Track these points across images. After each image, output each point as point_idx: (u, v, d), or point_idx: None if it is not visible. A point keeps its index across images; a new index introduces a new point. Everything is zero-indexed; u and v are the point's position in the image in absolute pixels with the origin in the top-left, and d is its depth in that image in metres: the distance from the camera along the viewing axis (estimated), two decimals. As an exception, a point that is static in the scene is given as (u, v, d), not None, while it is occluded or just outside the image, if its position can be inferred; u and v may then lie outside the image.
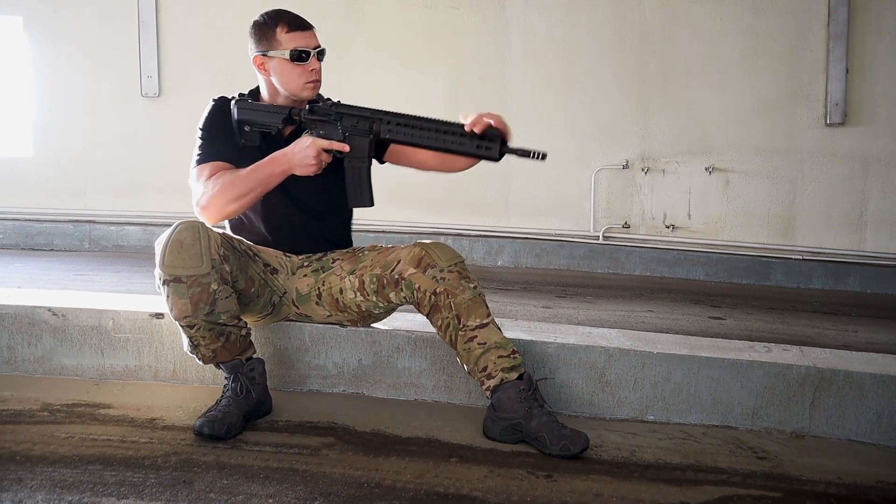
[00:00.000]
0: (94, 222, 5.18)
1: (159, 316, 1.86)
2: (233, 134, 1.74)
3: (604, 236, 5.19)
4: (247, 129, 1.74)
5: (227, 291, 1.58)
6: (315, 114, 1.69)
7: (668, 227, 5.19)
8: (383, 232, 4.90)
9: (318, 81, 1.75)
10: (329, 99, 1.75)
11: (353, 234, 1.95)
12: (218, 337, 1.58)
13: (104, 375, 1.89)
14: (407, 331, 1.90)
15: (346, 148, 1.67)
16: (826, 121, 4.88)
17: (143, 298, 2.00)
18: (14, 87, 5.32)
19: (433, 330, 1.77)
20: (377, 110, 1.67)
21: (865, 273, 4.79)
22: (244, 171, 1.67)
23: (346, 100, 1.83)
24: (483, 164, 1.77)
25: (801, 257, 4.92)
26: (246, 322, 1.66)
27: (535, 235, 5.18)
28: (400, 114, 1.66)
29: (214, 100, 1.80)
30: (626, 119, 5.11)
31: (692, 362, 1.89)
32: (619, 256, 5.11)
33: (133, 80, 5.26)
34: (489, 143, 1.61)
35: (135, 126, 5.30)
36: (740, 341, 2.10)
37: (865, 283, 4.76)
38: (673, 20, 5.04)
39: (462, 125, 1.60)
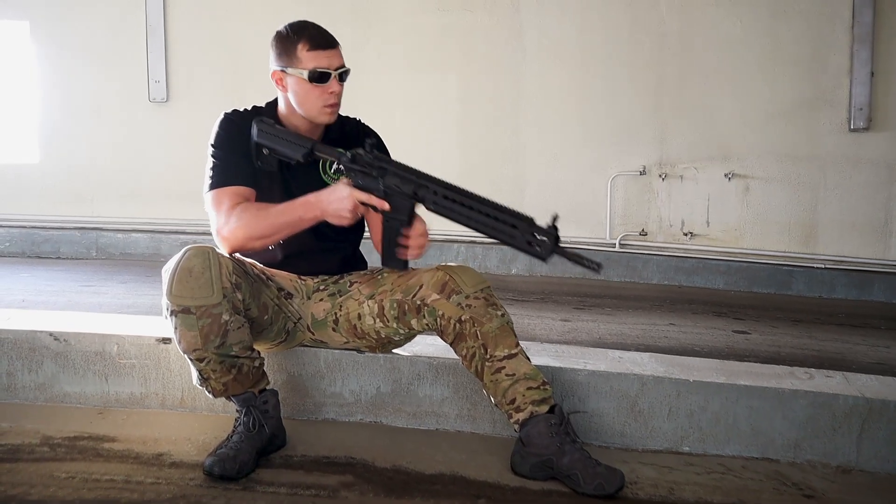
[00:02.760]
0: (100, 229, 5.10)
1: (166, 341, 1.76)
2: (249, 153, 1.63)
3: (620, 244, 5.08)
4: (265, 151, 1.62)
5: (239, 321, 1.48)
6: (356, 163, 1.56)
7: (686, 235, 5.07)
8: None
9: (336, 105, 1.63)
10: (368, 138, 1.59)
11: (367, 240, 1.85)
12: (229, 370, 1.48)
13: (108, 403, 1.79)
14: (428, 357, 1.79)
15: (386, 206, 1.53)
16: (850, 126, 4.75)
17: (149, 322, 1.90)
18: (20, 92, 5.25)
19: (455, 357, 1.67)
20: (423, 175, 1.53)
21: (891, 282, 4.65)
22: (273, 210, 1.56)
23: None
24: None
25: (823, 266, 4.79)
26: (259, 352, 1.55)
27: (550, 243, 5.06)
28: (448, 185, 1.51)
29: (227, 113, 1.69)
30: (642, 124, 4.99)
31: (731, 391, 1.79)
32: (636, 265, 4.99)
33: (141, 86, 5.18)
34: (541, 239, 1.47)
35: (142, 132, 5.22)
36: (779, 366, 1.99)
37: (891, 293, 4.63)
38: (691, 23, 4.91)
39: (514, 213, 1.47)
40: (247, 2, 5.13)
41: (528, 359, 1.56)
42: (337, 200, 1.52)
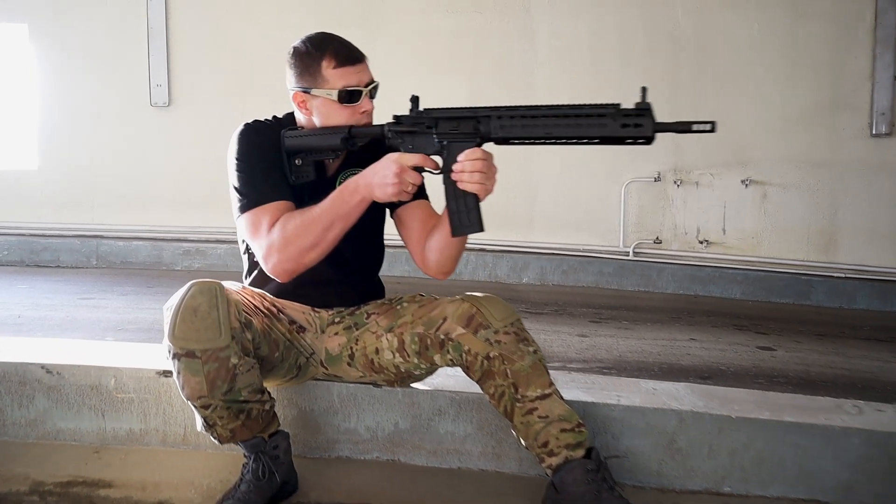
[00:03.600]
0: (101, 237, 4.97)
1: (167, 374, 1.63)
2: (280, 164, 1.47)
3: (634, 252, 4.94)
4: (298, 161, 1.46)
5: (248, 364, 1.34)
6: (402, 125, 1.39)
7: (701, 243, 4.93)
8: (402, 247, 4.68)
9: (369, 126, 1.48)
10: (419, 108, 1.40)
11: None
12: (237, 415, 1.34)
13: (105, 441, 1.66)
14: (451, 391, 1.66)
15: (437, 166, 1.36)
16: (871, 131, 4.61)
17: (149, 352, 1.77)
18: (19, 96, 5.12)
19: (480, 390, 1.54)
20: (482, 107, 1.33)
21: (913, 293, 4.52)
22: (317, 211, 1.38)
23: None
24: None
25: (844, 275, 4.65)
26: (269, 393, 1.41)
27: (562, 251, 4.93)
28: (512, 106, 1.31)
29: (248, 124, 1.51)
30: (657, 129, 4.86)
31: (776, 428, 1.65)
32: (651, 274, 4.85)
33: (142, 90, 5.05)
34: (638, 117, 1.23)
35: (144, 137, 5.10)
36: (824, 398, 1.85)
37: (914, 304, 4.49)
38: (707, 26, 4.78)
39: (592, 105, 1.25)
40: (251, 4, 5.00)
41: (563, 399, 1.43)
42: (381, 169, 1.35)
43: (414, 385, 1.65)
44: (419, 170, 1.37)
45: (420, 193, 1.50)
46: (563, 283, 4.91)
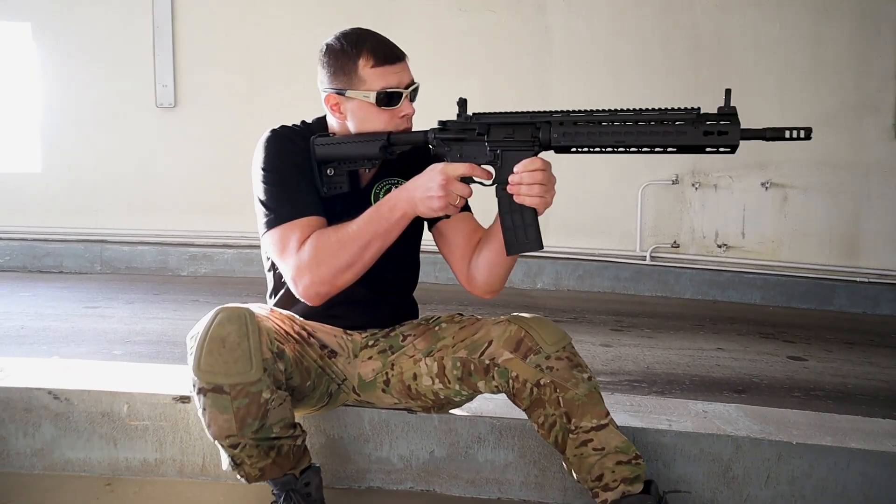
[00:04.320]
0: (105, 242, 4.85)
1: (185, 400, 1.51)
2: (311, 175, 1.34)
3: (651, 256, 4.82)
4: (330, 171, 1.33)
5: (280, 397, 1.21)
6: (449, 131, 1.27)
7: (720, 247, 4.82)
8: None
9: (409, 131, 1.35)
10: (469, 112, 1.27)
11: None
12: (267, 452, 1.22)
13: (118, 471, 1.53)
14: (490, 417, 1.54)
15: (488, 176, 1.23)
16: (896, 133, 4.50)
17: (164, 375, 1.65)
18: (22, 97, 5.00)
19: (522, 415, 1.42)
20: (540, 112, 1.20)
21: (938, 298, 4.40)
22: (352, 228, 1.26)
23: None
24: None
25: (867, 280, 4.53)
26: (301, 426, 1.29)
27: (577, 256, 4.81)
28: (573, 111, 1.19)
29: (275, 130, 1.38)
30: (675, 130, 4.74)
31: (840, 455, 1.54)
32: (668, 279, 4.73)
33: (147, 90, 4.93)
34: (723, 123, 1.11)
35: (149, 138, 4.98)
36: (886, 421, 1.74)
37: (938, 310, 4.38)
38: (728, 25, 4.66)
39: (667, 109, 1.13)
40: (260, 3, 4.88)
41: (619, 429, 1.31)
42: (426, 181, 1.22)
43: (451, 411, 1.54)
44: (468, 181, 1.24)
45: (463, 206, 1.38)
46: (578, 288, 4.80)
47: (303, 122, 1.43)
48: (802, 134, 1.09)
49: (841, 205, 4.66)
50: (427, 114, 1.50)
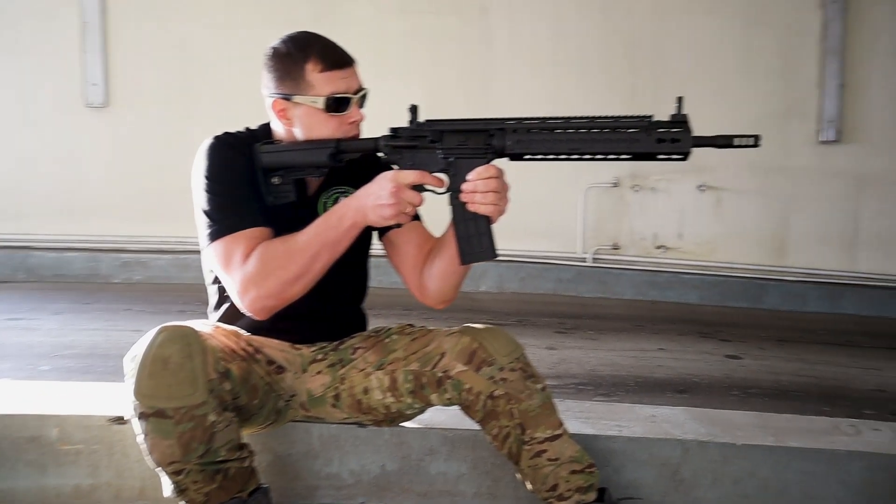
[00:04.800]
0: (30, 248, 4.60)
1: (121, 420, 1.43)
2: (256, 185, 1.29)
3: (592, 258, 4.91)
4: (275, 180, 1.28)
5: (227, 419, 1.16)
6: (400, 138, 1.24)
7: (658, 248, 4.95)
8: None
9: (357, 137, 1.31)
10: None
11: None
12: (213, 477, 1.16)
13: (47, 501, 1.43)
14: (443, 428, 1.53)
15: (440, 183, 1.21)
16: (820, 138, 4.72)
17: (97, 393, 1.56)
18: (-65, 95, 4.70)
19: (474, 426, 1.41)
20: (493, 119, 1.19)
21: (860, 295, 4.64)
22: (300, 239, 1.22)
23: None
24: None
25: (795, 279, 4.74)
26: (249, 447, 1.24)
27: (520, 258, 4.85)
28: (528, 118, 1.17)
29: (218, 137, 1.32)
30: (615, 134, 4.84)
31: (781, 454, 1.60)
32: (609, 280, 4.83)
33: (75, 89, 4.71)
34: (675, 130, 1.12)
35: (78, 140, 4.75)
36: (821, 419, 1.82)
37: (860, 306, 4.62)
38: (664, 32, 4.79)
39: (620, 117, 1.14)
40: (196, -1, 4.73)
41: (571, 437, 1.31)
42: (376, 189, 1.19)
43: (402, 423, 1.51)
44: (419, 189, 1.22)
45: (414, 214, 1.36)
46: (521, 290, 4.85)
47: (247, 128, 1.38)
48: (751, 141, 1.11)
49: (771, 207, 4.85)
50: (370, 116, 1.47)
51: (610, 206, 4.95)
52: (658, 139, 1.13)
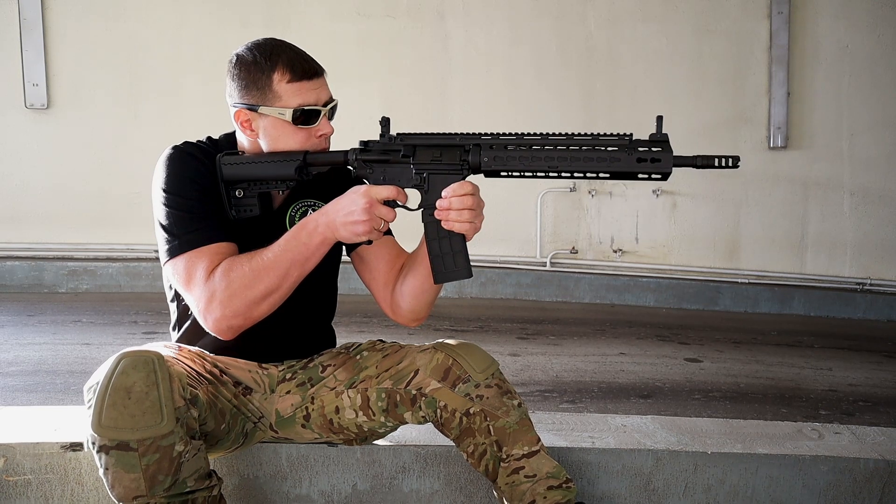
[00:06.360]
0: (-33, 257, 4.37)
1: (75, 447, 1.35)
2: (219, 197, 1.23)
3: (551, 262, 4.94)
4: (239, 193, 1.22)
5: (195, 448, 1.09)
6: (371, 152, 1.20)
7: (615, 252, 5.01)
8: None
9: (326, 151, 1.26)
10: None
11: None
12: (179, 508, 1.10)
13: (-5, 534, 1.35)
14: (415, 445, 1.49)
15: (403, 198, 1.17)
16: (769, 144, 4.85)
17: (47, 418, 1.47)
18: None
19: (447, 442, 1.38)
20: (468, 134, 1.16)
21: (808, 296, 4.79)
22: (267, 255, 1.16)
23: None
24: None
25: (747, 281, 4.86)
26: (216, 475, 1.17)
27: (480, 263, 4.84)
28: (504, 134, 1.15)
29: (178, 147, 1.25)
30: (572, 140, 4.88)
31: (750, 461, 1.62)
32: (568, 284, 4.87)
33: (15, 89, 4.50)
34: (655, 150, 1.10)
35: (17, 143, 4.54)
36: (784, 423, 1.84)
37: (809, 307, 4.76)
38: (619, 39, 4.85)
39: (600, 134, 1.11)
40: (144, -3, 4.57)
41: (548, 453, 1.29)
42: (347, 205, 1.14)
43: (374, 441, 1.47)
44: (392, 204, 1.18)
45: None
46: (481, 295, 4.84)
47: (208, 138, 1.32)
48: (731, 162, 1.10)
49: (723, 211, 4.97)
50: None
51: (567, 210, 4.99)
52: (638, 158, 1.11)
